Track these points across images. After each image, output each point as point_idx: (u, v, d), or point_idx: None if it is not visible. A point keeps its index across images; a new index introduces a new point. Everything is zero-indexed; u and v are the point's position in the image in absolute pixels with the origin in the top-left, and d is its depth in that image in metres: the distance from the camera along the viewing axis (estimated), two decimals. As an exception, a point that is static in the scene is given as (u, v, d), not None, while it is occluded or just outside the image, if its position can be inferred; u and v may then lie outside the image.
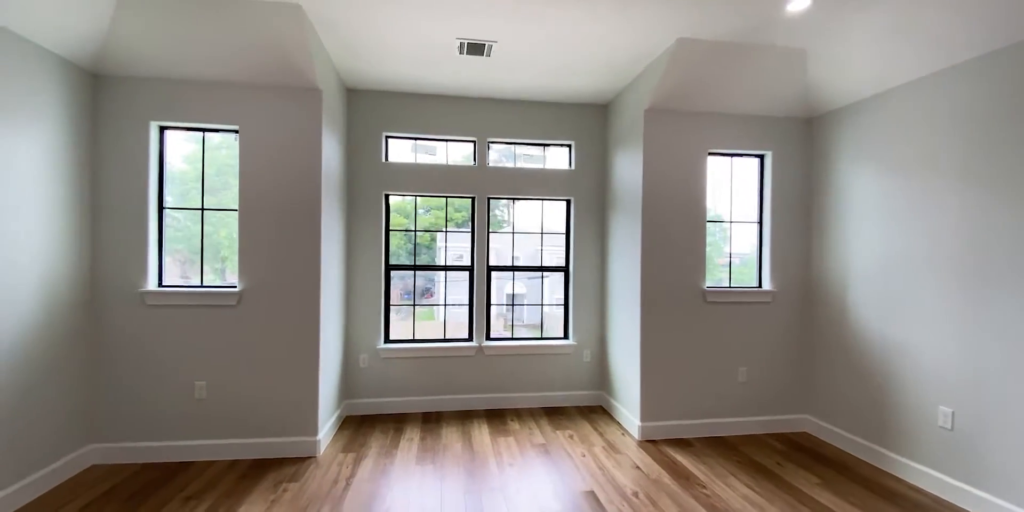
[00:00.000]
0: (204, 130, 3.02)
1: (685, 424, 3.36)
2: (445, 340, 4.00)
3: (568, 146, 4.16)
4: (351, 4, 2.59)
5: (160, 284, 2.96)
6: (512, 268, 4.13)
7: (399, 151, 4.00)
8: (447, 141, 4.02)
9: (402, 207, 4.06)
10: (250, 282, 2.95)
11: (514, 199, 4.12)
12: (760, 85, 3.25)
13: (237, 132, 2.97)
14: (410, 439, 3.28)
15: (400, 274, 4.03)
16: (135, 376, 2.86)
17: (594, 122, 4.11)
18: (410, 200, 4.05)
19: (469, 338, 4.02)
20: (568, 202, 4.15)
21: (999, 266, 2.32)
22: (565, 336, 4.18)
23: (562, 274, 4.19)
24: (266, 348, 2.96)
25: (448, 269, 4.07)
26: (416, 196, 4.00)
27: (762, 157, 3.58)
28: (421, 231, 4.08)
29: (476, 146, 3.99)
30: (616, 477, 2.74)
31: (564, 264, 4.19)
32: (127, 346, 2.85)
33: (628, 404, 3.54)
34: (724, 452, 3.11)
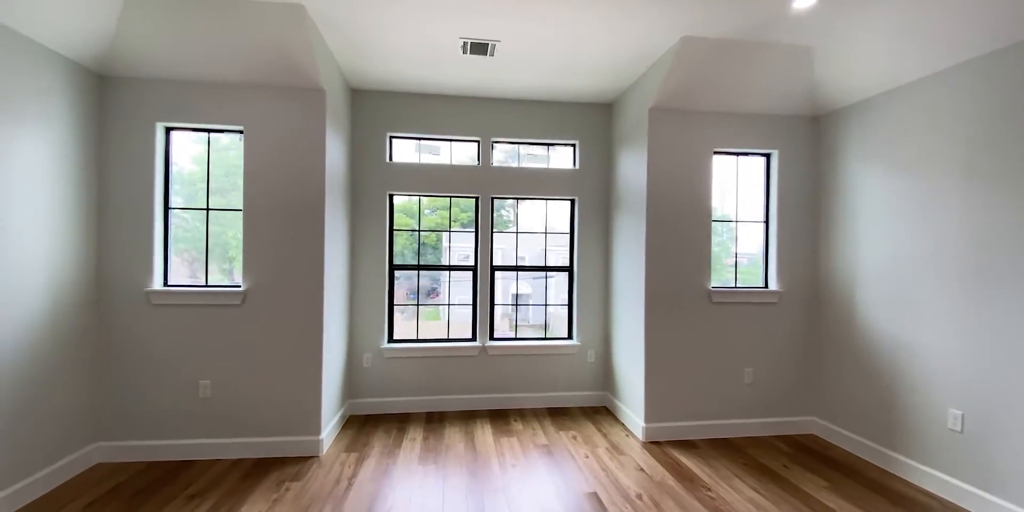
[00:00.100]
0: (209, 131, 3.04)
1: (690, 425, 3.33)
2: (448, 340, 3.99)
3: (572, 145, 4.14)
4: (354, 4, 2.59)
5: (166, 284, 2.98)
6: (516, 268, 4.12)
7: (403, 151, 4.00)
8: (451, 141, 4.02)
9: (408, 207, 4.06)
10: (254, 282, 2.96)
11: (518, 199, 4.11)
12: (766, 83, 3.22)
13: (242, 132, 2.98)
14: (413, 439, 3.27)
15: (406, 274, 4.03)
16: (140, 375, 2.88)
17: (598, 121, 4.10)
18: (416, 200, 4.05)
19: (473, 338, 4.01)
20: (572, 202, 4.14)
21: (1008, 267, 2.28)
22: (569, 336, 4.16)
23: (566, 274, 4.17)
24: (270, 347, 2.97)
25: (452, 269, 4.06)
26: (420, 196, 4.00)
27: (768, 156, 3.55)
28: (425, 231, 4.08)
29: (480, 146, 3.98)
30: (619, 479, 2.72)
31: (568, 264, 4.17)
32: (133, 345, 2.87)
33: (632, 405, 3.51)
34: (729, 454, 3.08)
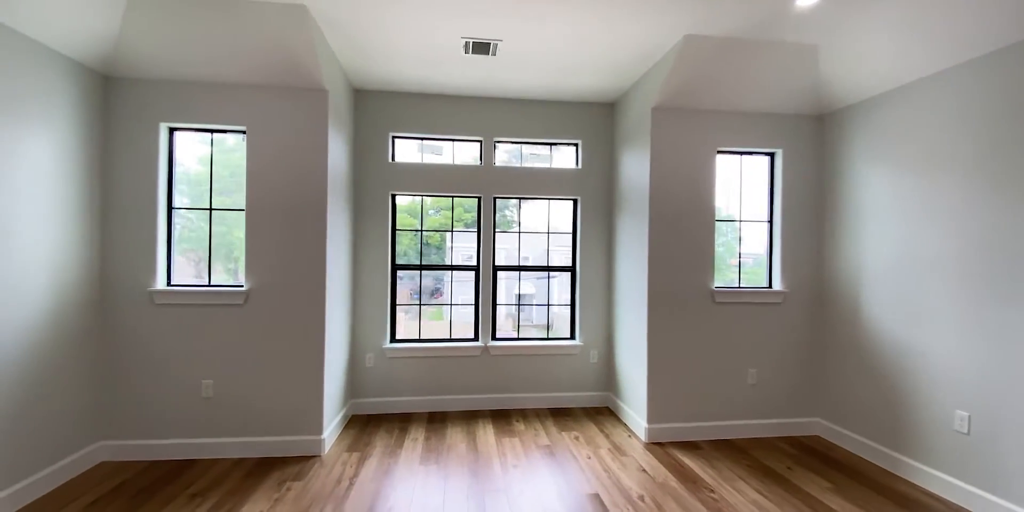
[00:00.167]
0: (212, 131, 3.05)
1: (693, 426, 3.32)
2: (451, 340, 3.99)
3: (575, 145, 4.13)
4: (356, 4, 2.59)
5: (169, 283, 2.99)
6: (518, 268, 4.11)
7: (406, 151, 4.00)
8: (453, 141, 4.02)
9: (412, 208, 4.06)
10: (257, 281, 2.97)
11: (520, 199, 4.10)
12: (770, 82, 3.20)
13: (244, 133, 2.99)
14: (415, 439, 3.27)
15: (409, 274, 4.03)
16: (144, 374, 2.89)
17: (601, 121, 4.08)
18: (420, 201, 4.05)
19: (475, 338, 4.01)
20: (575, 201, 4.12)
21: (1016, 267, 2.25)
22: (572, 336, 4.15)
23: (569, 274, 4.16)
24: (272, 347, 2.98)
25: (454, 269, 4.06)
26: (422, 196, 4.00)
27: (772, 155, 3.52)
28: (429, 231, 4.08)
29: (482, 146, 3.98)
30: (622, 480, 2.70)
31: (571, 264, 4.16)
32: (136, 345, 2.88)
33: (635, 405, 3.50)
34: (733, 455, 3.06)
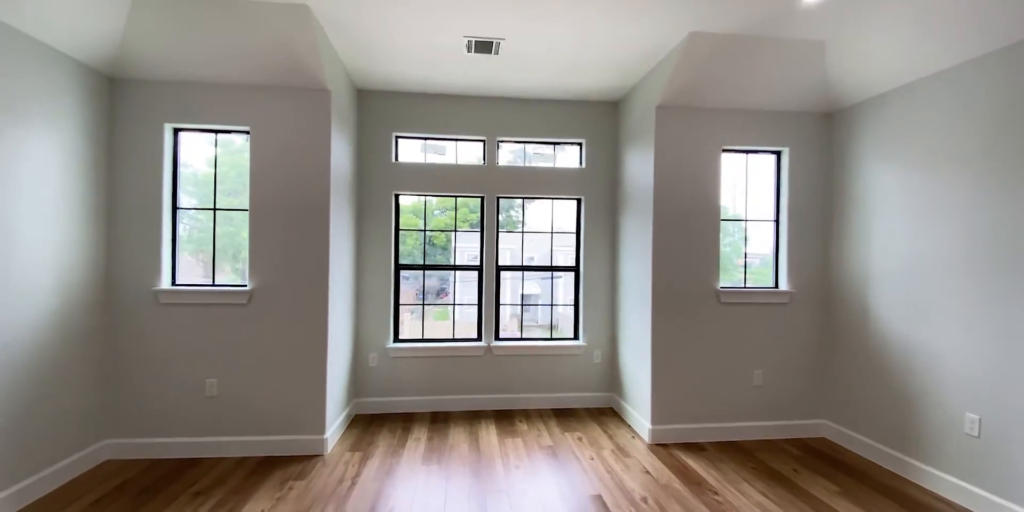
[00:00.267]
0: (216, 131, 3.06)
1: (697, 428, 3.28)
2: (454, 340, 3.98)
3: (579, 144, 4.11)
4: (358, 4, 2.59)
5: (174, 283, 3.01)
6: (521, 268, 4.10)
7: (409, 151, 4.00)
8: (457, 141, 4.01)
9: (417, 208, 4.06)
10: (260, 281, 2.97)
11: (524, 199, 4.09)
12: (776, 79, 3.16)
13: (248, 133, 3.00)
14: (417, 439, 3.27)
15: (413, 274, 4.03)
16: (148, 373, 2.91)
17: (605, 120, 4.06)
18: (424, 201, 4.04)
19: (478, 338, 4.00)
20: (579, 201, 4.10)
21: (1030, 266, 2.21)
22: (575, 337, 4.13)
23: (573, 274, 4.14)
24: (275, 346, 2.99)
25: (457, 269, 4.05)
26: (426, 196, 3.99)
27: (779, 154, 3.48)
28: (432, 231, 4.08)
29: (486, 145, 3.97)
30: (625, 481, 2.68)
31: (575, 264, 4.14)
32: (141, 344, 2.90)
33: (639, 406, 3.47)
34: (738, 457, 3.03)
